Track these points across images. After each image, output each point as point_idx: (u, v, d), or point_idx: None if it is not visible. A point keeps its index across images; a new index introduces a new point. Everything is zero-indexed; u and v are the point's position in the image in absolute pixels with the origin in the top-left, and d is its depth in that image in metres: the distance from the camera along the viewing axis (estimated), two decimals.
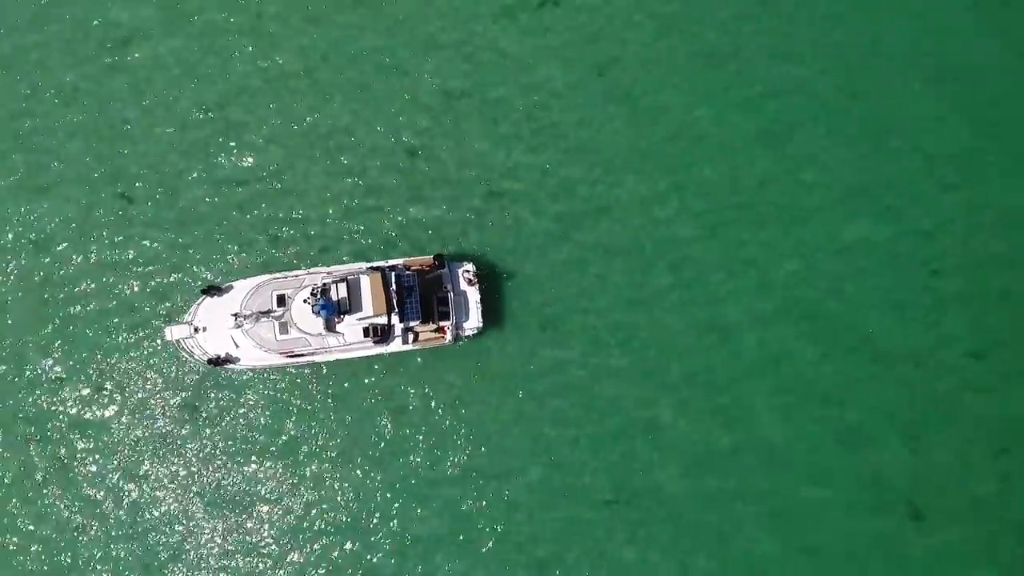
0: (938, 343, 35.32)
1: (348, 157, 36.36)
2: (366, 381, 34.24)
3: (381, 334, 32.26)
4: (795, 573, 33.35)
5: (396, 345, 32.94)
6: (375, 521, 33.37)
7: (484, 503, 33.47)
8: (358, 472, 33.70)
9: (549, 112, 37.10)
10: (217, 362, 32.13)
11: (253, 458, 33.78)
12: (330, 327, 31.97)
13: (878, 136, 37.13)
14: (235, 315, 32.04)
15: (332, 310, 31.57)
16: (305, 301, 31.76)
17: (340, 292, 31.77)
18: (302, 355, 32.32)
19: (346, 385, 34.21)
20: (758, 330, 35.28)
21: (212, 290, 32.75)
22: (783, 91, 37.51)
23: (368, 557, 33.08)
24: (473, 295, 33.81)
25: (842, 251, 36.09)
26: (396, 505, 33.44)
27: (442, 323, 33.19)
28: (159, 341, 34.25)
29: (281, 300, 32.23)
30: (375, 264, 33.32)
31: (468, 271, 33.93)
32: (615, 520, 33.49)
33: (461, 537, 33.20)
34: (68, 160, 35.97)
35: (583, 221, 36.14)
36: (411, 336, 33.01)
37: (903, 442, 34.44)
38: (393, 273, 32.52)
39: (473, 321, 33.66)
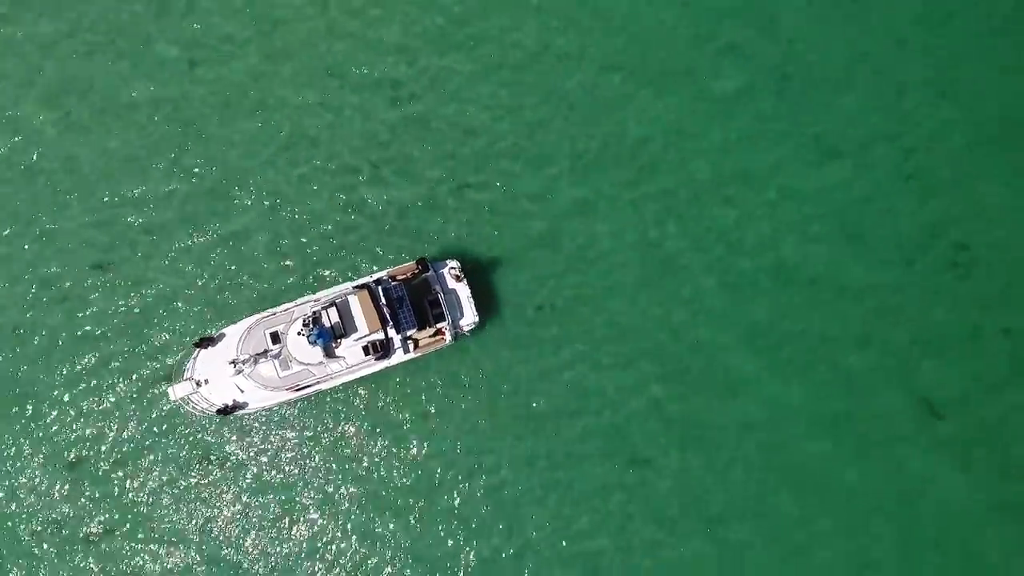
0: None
1: (312, 179, 35.90)
2: (381, 397, 34.23)
3: (382, 349, 32.12)
4: None
5: (399, 357, 32.82)
6: (429, 543, 33.65)
7: (539, 492, 33.77)
8: (393, 493, 33.85)
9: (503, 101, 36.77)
10: (226, 411, 31.99)
11: (283, 496, 33.83)
12: (329, 353, 31.81)
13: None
14: (233, 362, 31.82)
15: (328, 337, 31.37)
16: (299, 333, 31.53)
17: (332, 317, 31.55)
18: (308, 386, 32.19)
19: (361, 405, 34.18)
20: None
21: (205, 341, 32.49)
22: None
23: None
24: (463, 291, 33.63)
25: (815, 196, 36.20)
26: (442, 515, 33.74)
27: (439, 325, 33.05)
28: (164, 402, 34.06)
29: (275, 337, 32.01)
30: (360, 282, 33.03)
31: (454, 268, 33.69)
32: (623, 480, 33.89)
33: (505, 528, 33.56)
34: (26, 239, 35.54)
35: (556, 198, 35.94)
36: (411, 344, 32.87)
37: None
38: (380, 287, 32.28)
39: (469, 317, 33.53)
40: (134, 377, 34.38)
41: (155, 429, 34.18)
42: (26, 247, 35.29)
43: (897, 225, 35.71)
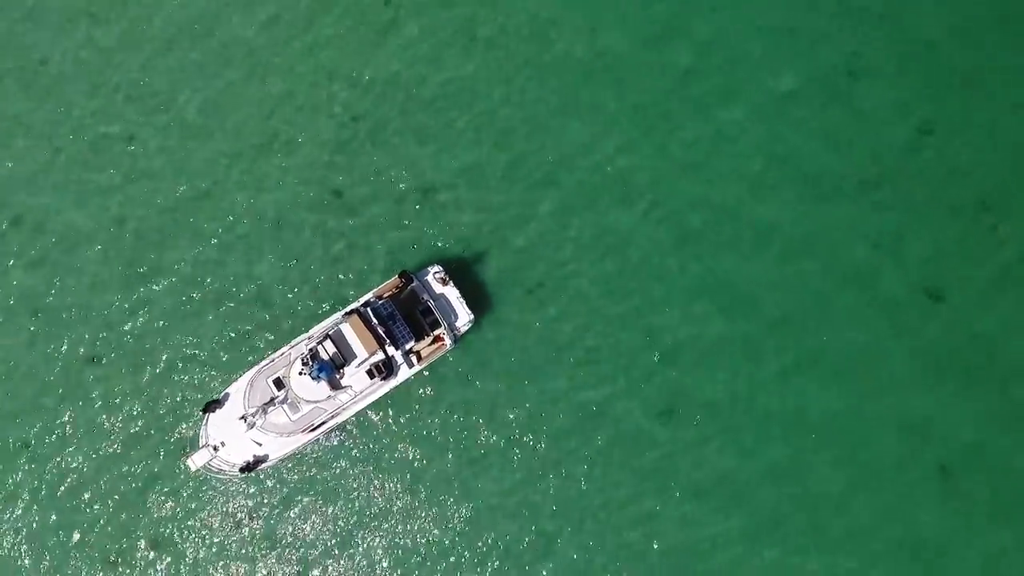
0: None
1: (277, 216, 35.82)
2: (394, 418, 33.97)
3: (385, 369, 31.90)
4: None
5: (405, 372, 32.60)
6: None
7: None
8: (452, 506, 33.52)
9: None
10: (249, 468, 31.73)
11: (329, 539, 33.49)
12: (335, 385, 31.60)
13: None
14: (243, 417, 31.61)
15: (329, 369, 31.15)
16: (301, 373, 31.34)
17: (329, 349, 31.34)
18: (323, 423, 31.95)
19: (379, 432, 33.91)
20: None
21: (211, 405, 32.28)
22: None
23: None
24: (452, 293, 33.45)
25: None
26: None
27: (436, 332, 32.84)
28: (187, 476, 33.77)
29: (279, 383, 31.81)
30: (349, 308, 32.86)
31: (438, 273, 33.53)
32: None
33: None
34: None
35: (524, 181, 35.87)
36: (414, 358, 32.66)
37: None
38: (369, 308, 32.09)
39: (463, 317, 33.32)
40: (152, 460, 34.10)
41: (186, 506, 33.84)
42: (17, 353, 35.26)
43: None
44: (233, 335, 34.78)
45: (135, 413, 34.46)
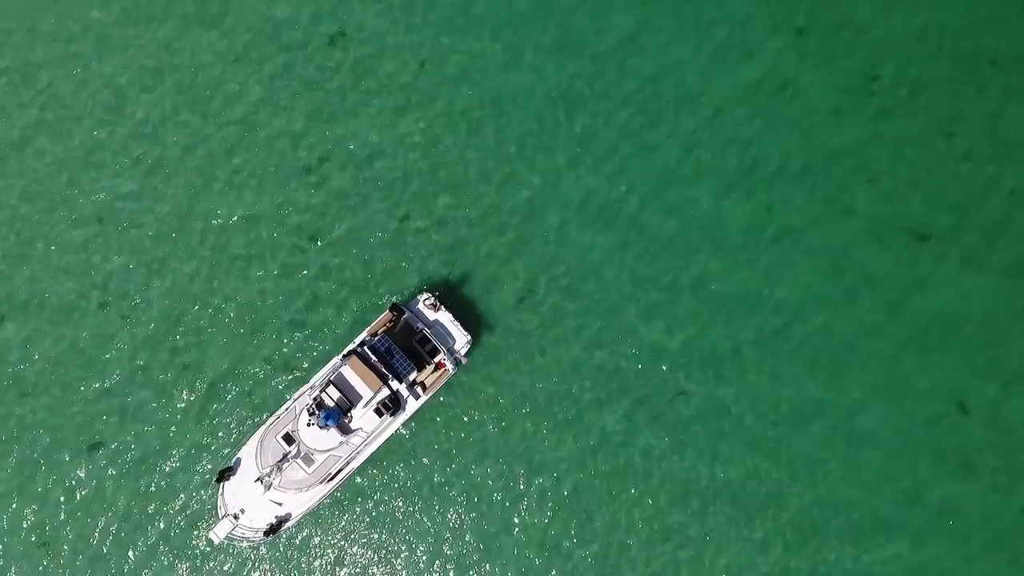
0: None
1: (253, 270, 35.55)
2: (410, 448, 33.58)
3: (393, 404, 31.59)
4: None
5: (412, 405, 32.29)
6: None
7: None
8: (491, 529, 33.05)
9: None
10: (273, 530, 31.13)
11: None
12: (345, 430, 31.21)
13: None
14: (259, 479, 31.08)
15: (337, 415, 30.78)
16: (309, 424, 30.95)
17: (333, 395, 31.01)
18: (340, 471, 31.48)
19: (399, 467, 33.48)
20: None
21: (224, 474, 31.69)
22: None
23: None
24: (445, 318, 33.29)
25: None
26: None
27: (436, 359, 32.60)
28: (213, 550, 33.04)
29: (289, 438, 31.36)
30: (346, 351, 32.58)
31: (427, 300, 33.38)
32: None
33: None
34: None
35: (493, 197, 35.99)
36: (419, 388, 32.38)
37: None
38: (366, 347, 31.82)
39: (461, 339, 33.14)
40: (174, 541, 33.35)
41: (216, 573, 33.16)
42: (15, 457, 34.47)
43: None
44: (229, 402, 34.31)
45: (152, 496, 33.77)
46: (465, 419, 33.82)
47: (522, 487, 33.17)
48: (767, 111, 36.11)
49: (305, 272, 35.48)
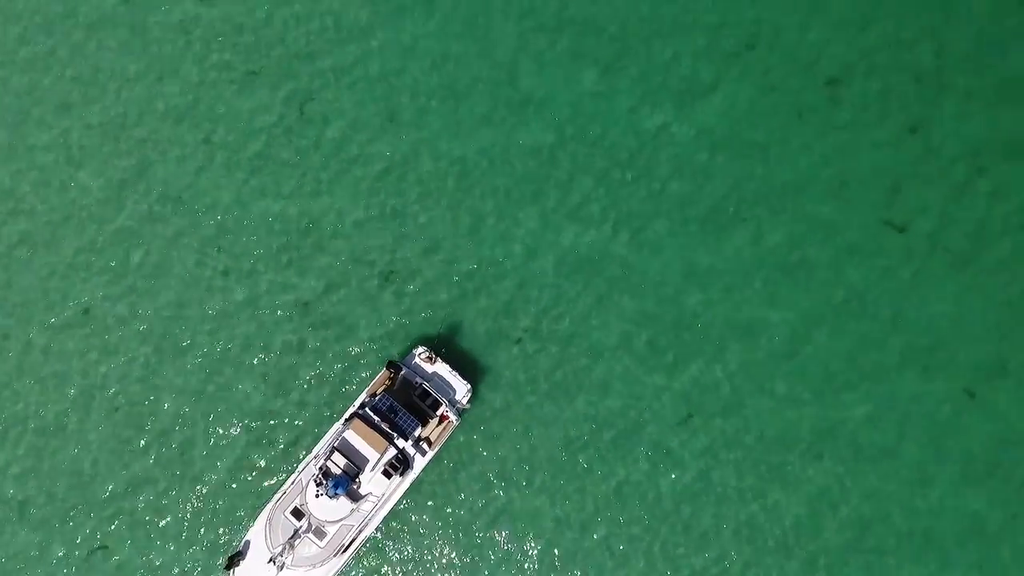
0: None
1: (247, 344, 34.81)
2: (432, 507, 32.66)
3: (401, 464, 30.85)
4: None
5: (420, 462, 31.57)
6: None
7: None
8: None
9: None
10: None
11: None
12: (356, 497, 30.35)
13: None
14: (271, 560, 29.91)
15: (345, 482, 29.96)
16: (317, 496, 30.08)
17: (339, 462, 30.25)
18: (354, 539, 30.46)
19: (422, 530, 32.50)
20: None
21: (234, 559, 30.45)
22: None
23: None
24: (443, 369, 32.84)
25: None
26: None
27: (439, 412, 32.03)
28: None
29: (298, 513, 30.36)
30: (347, 414, 31.90)
31: (423, 353, 32.93)
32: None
33: None
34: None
35: (475, 246, 35.94)
36: (425, 444, 31.69)
37: None
38: (367, 408, 31.17)
39: (461, 389, 32.65)
40: None
41: None
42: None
43: None
44: (234, 485, 33.17)
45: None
46: (468, 477, 33.03)
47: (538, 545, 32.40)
48: (730, 143, 36.45)
49: (300, 345, 34.84)
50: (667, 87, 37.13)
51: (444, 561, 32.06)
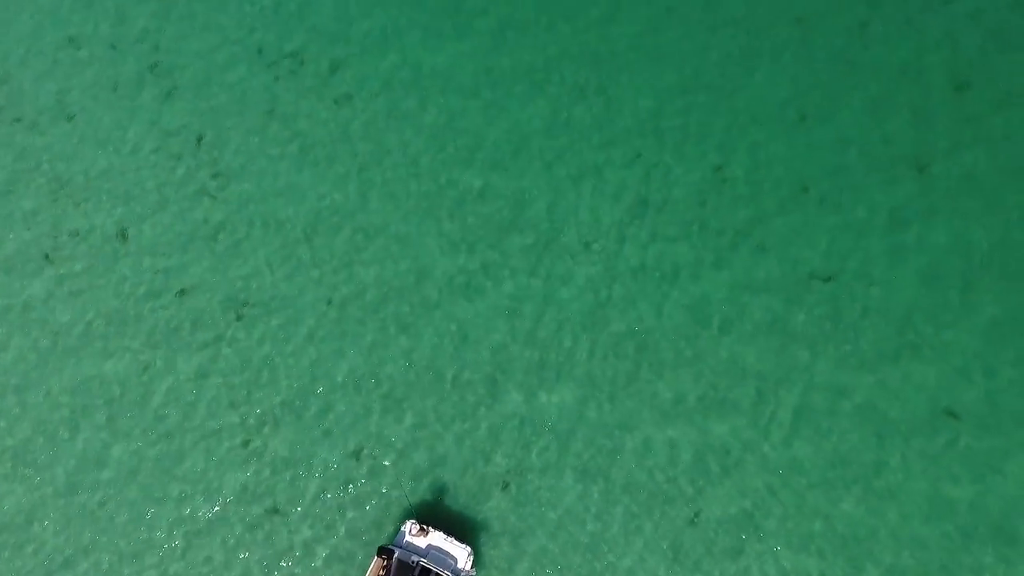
0: None
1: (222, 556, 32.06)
2: None
3: None
4: None
5: None
6: None
7: None
8: None
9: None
10: None
11: None
12: None
13: None
14: None
15: None
16: None
17: None
18: None
19: None
20: None
21: None
22: None
23: None
24: (436, 538, 30.98)
25: None
26: None
27: None
28: None
29: None
30: None
31: (412, 528, 31.10)
32: None
33: None
34: None
35: (448, 385, 35.06)
36: None
37: None
38: None
39: (461, 555, 30.75)
40: None
41: None
42: None
43: None
44: None
45: None
46: None
47: None
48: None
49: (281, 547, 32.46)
50: None
51: None
